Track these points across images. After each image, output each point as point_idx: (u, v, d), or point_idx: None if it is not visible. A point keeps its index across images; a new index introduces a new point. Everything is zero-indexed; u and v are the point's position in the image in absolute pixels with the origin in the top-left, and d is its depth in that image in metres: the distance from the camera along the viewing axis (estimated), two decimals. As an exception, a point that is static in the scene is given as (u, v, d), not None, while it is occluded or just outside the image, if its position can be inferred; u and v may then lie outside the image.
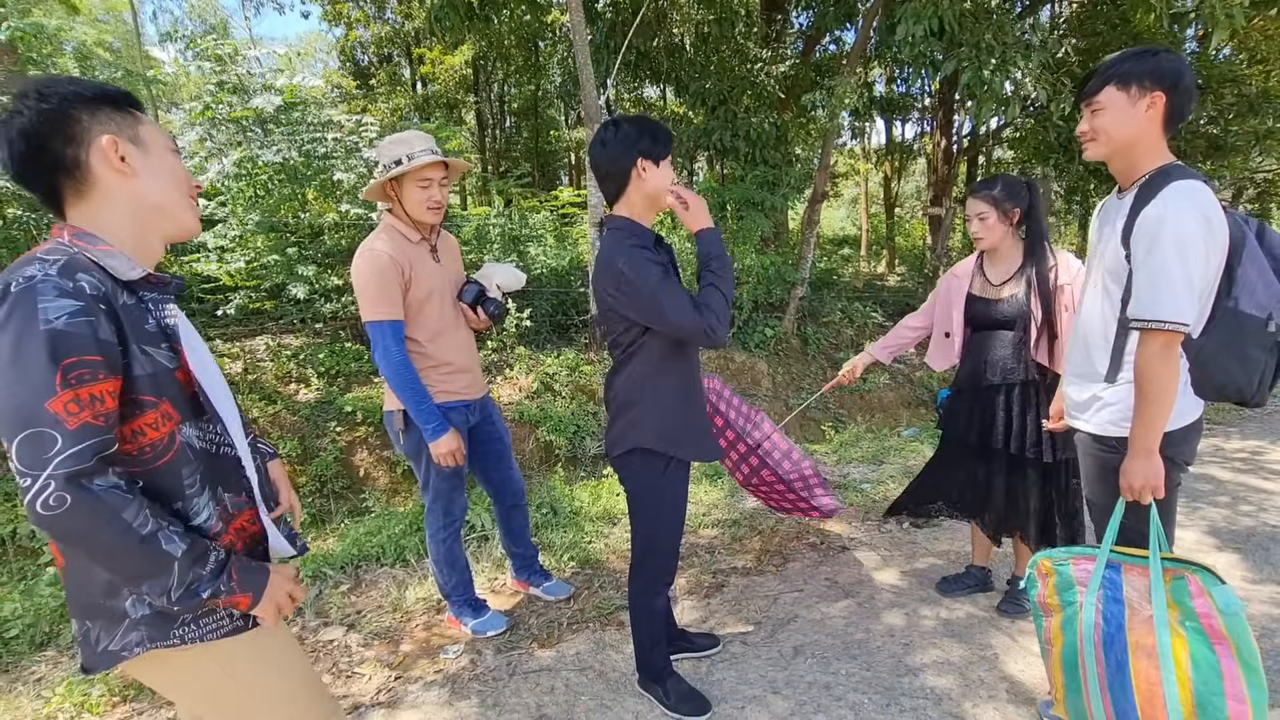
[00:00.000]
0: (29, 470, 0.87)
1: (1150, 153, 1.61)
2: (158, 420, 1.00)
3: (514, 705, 2.09)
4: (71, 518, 0.88)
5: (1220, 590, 1.49)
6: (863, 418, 6.04)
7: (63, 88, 0.98)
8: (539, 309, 5.81)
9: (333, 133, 5.22)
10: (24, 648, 2.41)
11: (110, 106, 1.01)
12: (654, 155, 1.76)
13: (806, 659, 2.30)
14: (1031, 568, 1.78)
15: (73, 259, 0.94)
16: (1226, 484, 3.97)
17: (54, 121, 0.96)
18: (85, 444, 0.89)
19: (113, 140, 0.99)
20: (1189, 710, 1.49)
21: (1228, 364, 1.59)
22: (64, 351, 0.88)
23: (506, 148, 15.00)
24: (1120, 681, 1.58)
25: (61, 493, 0.87)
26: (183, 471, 1.03)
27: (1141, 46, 1.65)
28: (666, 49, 8.14)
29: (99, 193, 1.00)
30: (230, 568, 1.03)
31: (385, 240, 2.09)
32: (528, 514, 2.70)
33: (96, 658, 1.03)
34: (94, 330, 0.91)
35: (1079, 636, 1.66)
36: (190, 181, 1.10)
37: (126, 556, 0.93)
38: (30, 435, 0.86)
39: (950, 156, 10.61)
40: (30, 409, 0.86)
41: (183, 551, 0.96)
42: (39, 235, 3.77)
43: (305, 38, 20.07)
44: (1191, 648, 1.50)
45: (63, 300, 0.88)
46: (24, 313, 0.87)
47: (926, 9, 4.98)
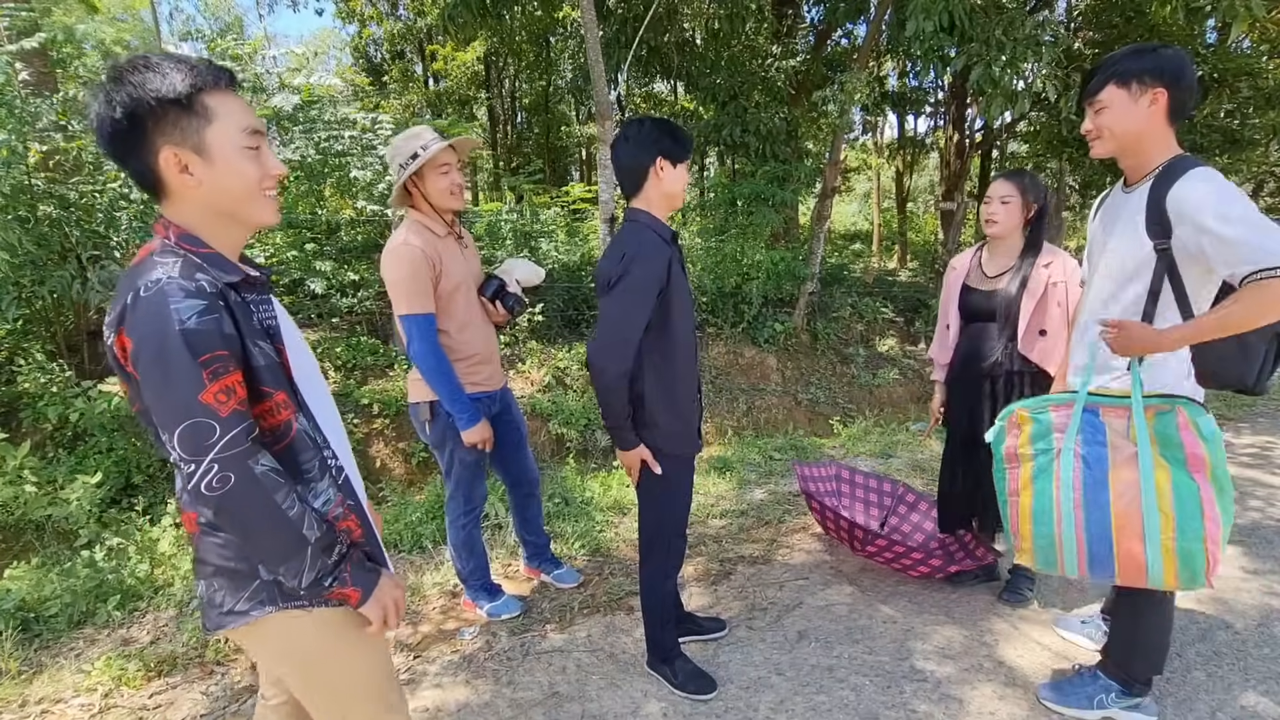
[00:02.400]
0: (191, 457, 0.95)
1: (1159, 146, 1.64)
2: (275, 408, 1.06)
3: (528, 684, 2.18)
4: (232, 496, 0.96)
5: (1205, 419, 1.57)
6: (871, 412, 6.07)
7: (129, 93, 0.96)
8: (551, 304, 5.90)
9: (349, 130, 5.31)
10: (63, 626, 2.53)
11: (177, 109, 0.98)
12: (673, 156, 1.85)
13: (810, 643, 2.37)
14: (1003, 420, 1.81)
15: (186, 259, 0.99)
16: (1234, 479, 3.97)
17: (121, 133, 0.98)
18: (238, 429, 0.97)
19: (173, 154, 0.99)
20: (1169, 534, 1.57)
21: (1229, 352, 1.63)
22: (201, 348, 0.94)
23: (518, 143, 15.08)
24: (1099, 519, 1.64)
25: (225, 473, 0.95)
26: (302, 456, 1.09)
27: (1143, 43, 1.68)
28: (677, 44, 8.17)
29: (175, 196, 1.03)
30: (348, 560, 1.09)
31: (415, 235, 2.17)
32: (541, 503, 2.79)
33: (221, 617, 1.09)
34: (219, 326, 0.97)
35: (1056, 481, 1.70)
36: (265, 175, 1.07)
37: (272, 536, 1.00)
38: (189, 426, 0.94)
39: (963, 151, 10.57)
40: (186, 403, 0.94)
41: (316, 538, 1.03)
42: (68, 234, 3.90)
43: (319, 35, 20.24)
44: (1174, 476, 1.58)
45: (190, 300, 0.94)
46: (160, 315, 0.92)
47: (936, 4, 4.98)
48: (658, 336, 1.86)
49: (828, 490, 3.24)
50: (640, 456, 1.90)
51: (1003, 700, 2.06)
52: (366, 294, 5.28)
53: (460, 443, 2.32)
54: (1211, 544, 1.57)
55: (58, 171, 4.12)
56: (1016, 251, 2.39)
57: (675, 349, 1.89)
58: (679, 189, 1.89)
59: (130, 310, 0.94)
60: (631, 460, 1.91)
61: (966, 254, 2.57)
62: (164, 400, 0.94)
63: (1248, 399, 5.86)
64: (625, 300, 1.77)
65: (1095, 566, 1.69)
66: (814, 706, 2.05)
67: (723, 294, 6.73)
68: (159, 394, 0.94)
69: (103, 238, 4.09)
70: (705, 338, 6.43)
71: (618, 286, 1.77)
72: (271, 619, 1.09)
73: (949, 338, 2.57)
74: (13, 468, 3.18)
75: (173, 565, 2.90)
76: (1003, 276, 2.39)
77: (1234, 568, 2.86)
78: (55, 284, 3.74)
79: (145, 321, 0.93)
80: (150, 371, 0.94)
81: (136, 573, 2.80)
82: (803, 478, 3.10)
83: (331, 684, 1.17)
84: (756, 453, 4.63)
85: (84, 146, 4.03)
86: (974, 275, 2.48)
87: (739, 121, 7.31)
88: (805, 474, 3.17)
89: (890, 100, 10.87)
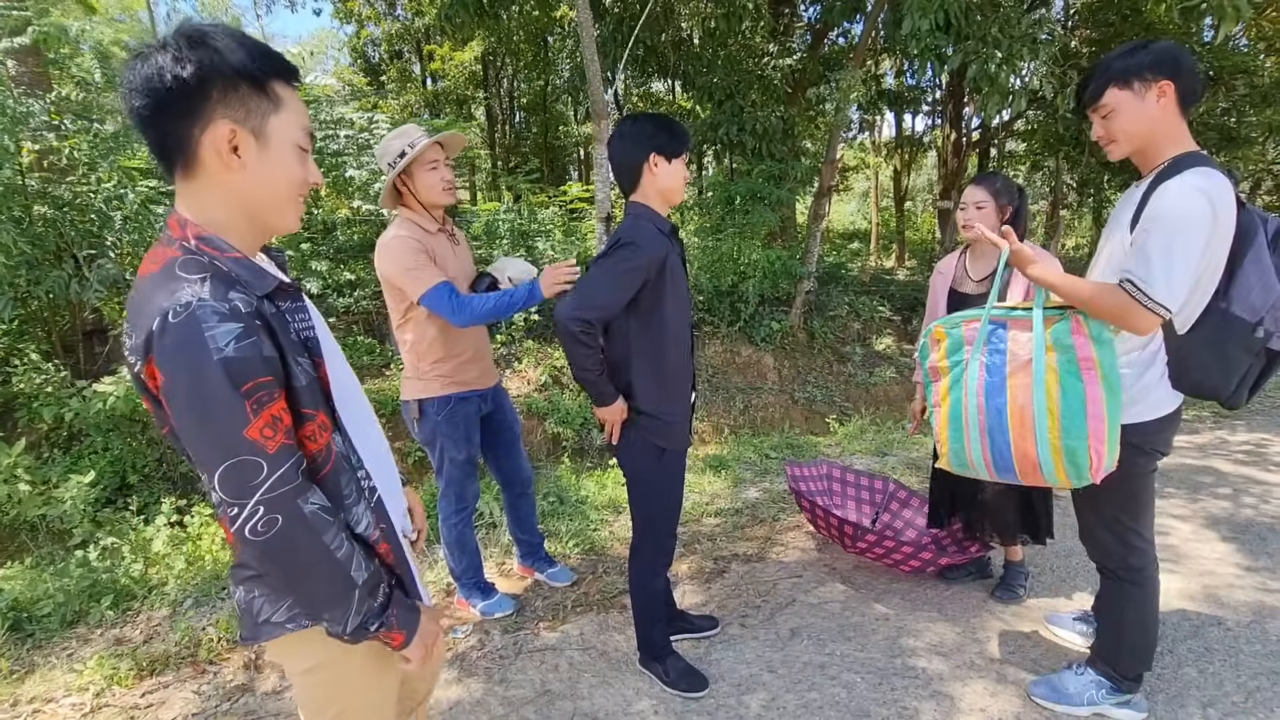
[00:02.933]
0: (235, 500, 0.87)
1: (1170, 140, 1.60)
2: (316, 431, 0.97)
3: (520, 682, 2.19)
4: (279, 540, 0.89)
5: (1095, 324, 1.61)
6: (868, 410, 6.08)
7: (206, 54, 0.87)
8: (547, 303, 5.89)
9: (345, 130, 5.32)
10: (55, 625, 2.53)
11: (250, 86, 0.91)
12: (667, 151, 1.85)
13: (803, 641, 2.37)
14: (925, 336, 1.93)
15: (215, 273, 0.88)
16: (1229, 476, 3.99)
17: (181, 93, 0.87)
18: (286, 465, 0.89)
19: (231, 130, 0.90)
20: (1055, 433, 1.66)
21: (1207, 362, 1.61)
22: (242, 377, 0.85)
23: (516, 143, 15.08)
24: (999, 423, 1.74)
25: (272, 515, 0.88)
26: (341, 480, 1.01)
27: (1132, 42, 1.65)
28: (674, 43, 8.16)
29: (203, 177, 0.93)
30: (393, 602, 1.02)
31: (405, 229, 2.18)
32: (534, 502, 2.79)
33: (257, 628, 1.03)
34: (259, 350, 0.87)
35: (964, 390, 1.81)
36: (306, 181, 1.00)
37: (320, 580, 0.93)
38: (233, 465, 0.85)
39: (960, 149, 10.58)
40: (229, 440, 0.85)
41: (364, 580, 0.96)
42: (62, 233, 3.90)
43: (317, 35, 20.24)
44: (1062, 379, 1.65)
45: (226, 325, 0.84)
46: (193, 344, 0.83)
47: (932, 3, 4.99)
48: (649, 327, 1.86)
49: (819, 489, 3.24)
50: (619, 412, 1.90)
51: (994, 697, 2.06)
52: (363, 294, 5.28)
53: (449, 442, 2.33)
54: (1095, 440, 1.61)
55: (52, 171, 4.12)
56: (998, 253, 2.40)
57: (667, 341, 1.89)
58: (674, 184, 1.89)
59: (158, 338, 0.83)
60: (609, 415, 1.91)
61: (951, 258, 2.60)
62: (204, 438, 0.86)
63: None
64: (602, 273, 1.79)
65: (1000, 467, 1.79)
66: (805, 704, 2.05)
67: (719, 292, 6.73)
68: (198, 432, 0.86)
69: (98, 237, 4.09)
70: (702, 336, 6.43)
71: (603, 261, 1.80)
72: (309, 632, 1.03)
73: None
74: (6, 467, 3.18)
75: (166, 565, 2.90)
76: (987, 279, 2.41)
77: (1228, 565, 2.87)
78: (51, 284, 3.74)
79: (178, 352, 0.83)
80: (187, 407, 0.85)
81: (130, 572, 2.80)
82: (793, 477, 3.10)
83: (345, 705, 1.12)
84: (752, 451, 4.63)
85: (76, 146, 4.03)
86: (961, 279, 2.50)
87: (735, 120, 7.31)
88: (796, 473, 3.18)
89: (887, 99, 10.86)
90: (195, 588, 2.75)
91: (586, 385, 1.88)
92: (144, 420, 3.85)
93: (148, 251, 0.95)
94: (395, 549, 1.09)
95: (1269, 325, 1.53)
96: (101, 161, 4.05)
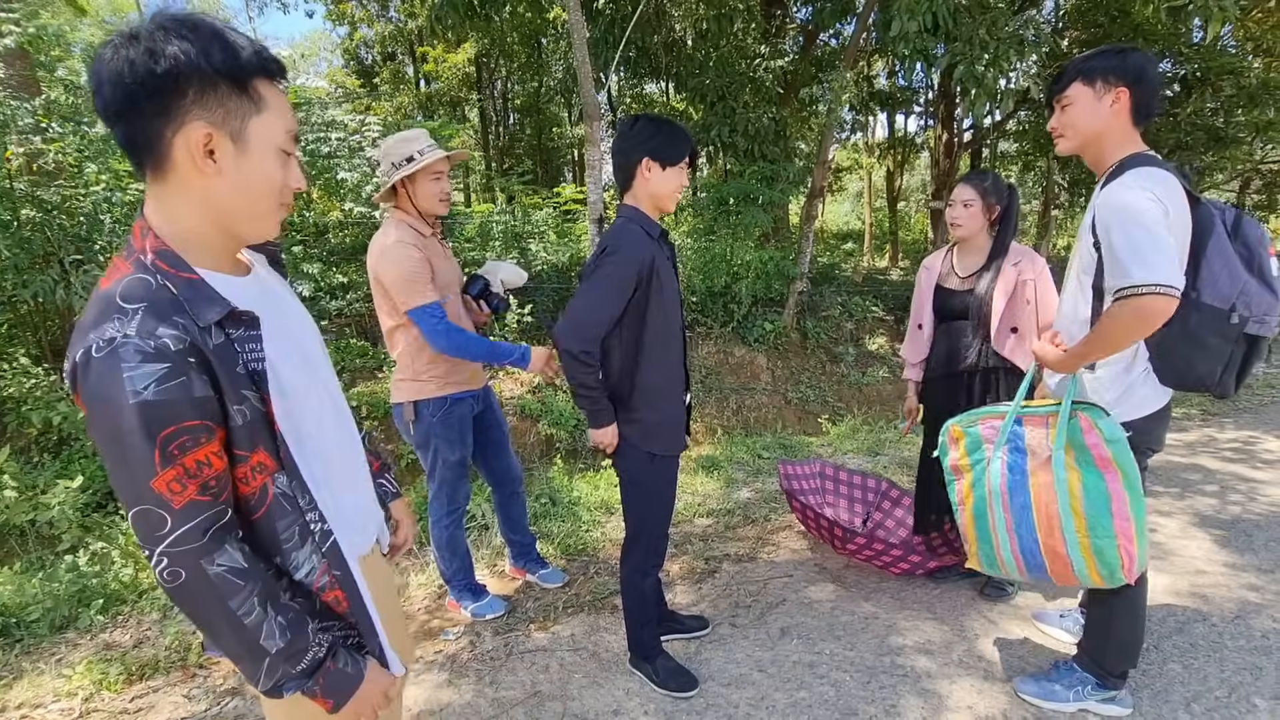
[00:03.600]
0: (145, 545, 0.84)
1: (1118, 145, 1.67)
2: (248, 474, 0.91)
3: (510, 683, 2.19)
4: (183, 592, 0.85)
5: (1106, 421, 1.63)
6: (860, 410, 6.10)
7: (183, 49, 0.81)
8: (540, 304, 5.90)
9: (336, 132, 5.31)
10: (44, 630, 2.52)
11: (229, 85, 0.85)
12: (662, 157, 1.82)
13: (792, 640, 2.38)
14: (944, 435, 1.93)
15: (154, 302, 0.82)
16: (1216, 473, 4.02)
17: (154, 89, 0.81)
18: (193, 523, 0.83)
19: (207, 133, 0.84)
20: (1083, 533, 1.67)
21: (1187, 353, 1.64)
22: (158, 424, 0.79)
23: (510, 145, 15.08)
24: (1024, 520, 1.75)
25: (176, 568, 0.84)
26: (279, 525, 0.94)
27: (1111, 45, 1.71)
28: (666, 45, 8.19)
29: (174, 179, 0.87)
30: (320, 671, 0.94)
31: (406, 234, 2.18)
32: (525, 502, 2.79)
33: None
34: (187, 392, 0.81)
35: (987, 489, 1.82)
36: (288, 186, 0.94)
37: (225, 639, 0.89)
38: (141, 512, 0.82)
39: (952, 149, 10.63)
40: (137, 488, 0.82)
41: (278, 649, 0.90)
42: (50, 237, 3.89)
43: (310, 37, 20.21)
44: (1084, 478, 1.67)
45: (147, 366, 0.79)
46: (110, 384, 0.78)
47: (921, 4, 5.02)
48: (640, 331, 1.87)
49: (811, 488, 3.25)
50: (612, 435, 1.92)
51: (981, 694, 2.07)
52: (355, 296, 5.28)
53: (444, 443, 2.33)
54: (1125, 540, 1.63)
55: (39, 174, 4.10)
56: (986, 251, 2.43)
57: (659, 345, 1.90)
58: (665, 191, 1.86)
59: (81, 370, 0.80)
60: (603, 439, 1.93)
61: (938, 255, 2.62)
62: (117, 480, 0.83)
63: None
64: (595, 290, 1.80)
65: (1031, 566, 1.80)
66: (795, 702, 2.06)
67: (712, 293, 6.75)
68: (112, 471, 0.83)
69: (86, 241, 4.07)
70: (695, 337, 6.44)
71: (592, 276, 1.81)
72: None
73: (922, 337, 2.62)
74: (-5, 472, 3.17)
75: (156, 569, 2.90)
76: (975, 276, 2.43)
77: (1214, 562, 2.89)
78: (38, 288, 3.73)
79: (96, 389, 0.79)
80: (102, 446, 0.82)
81: (120, 577, 2.80)
82: (785, 476, 3.11)
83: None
84: (745, 452, 4.64)
85: (62, 149, 4.01)
86: (947, 276, 2.52)
87: (728, 122, 7.33)
88: (788, 472, 3.19)
89: (879, 100, 10.93)
90: (185, 592, 2.74)
91: (585, 404, 1.89)
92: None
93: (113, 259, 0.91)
94: (351, 596, 1.01)
95: (1242, 310, 1.57)
96: (90, 164, 4.04)
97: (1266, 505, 3.50)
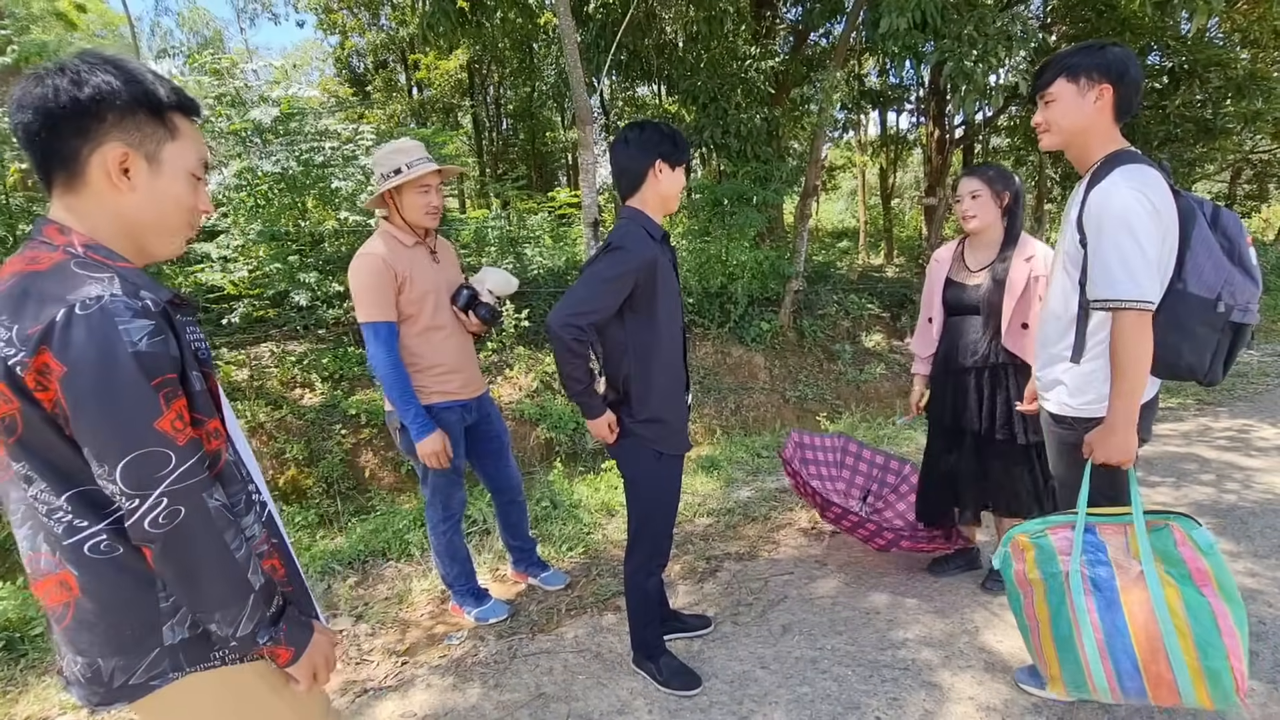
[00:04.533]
0: (136, 491, 0.87)
1: (1101, 141, 1.69)
2: (208, 436, 0.98)
3: (514, 685, 2.20)
4: (179, 532, 0.89)
5: (1199, 532, 1.58)
6: (858, 407, 6.13)
7: (104, 80, 0.90)
8: (537, 309, 5.92)
9: (330, 141, 5.33)
10: (48, 645, 2.53)
11: (147, 114, 0.95)
12: (671, 159, 1.91)
13: (794, 636, 2.40)
14: (1005, 545, 1.81)
15: (118, 273, 0.90)
16: (1212, 462, 4.05)
17: (74, 112, 0.90)
18: (195, 458, 0.91)
19: (124, 152, 0.93)
20: (1191, 655, 1.55)
21: (1177, 343, 1.66)
22: (155, 371, 0.87)
23: (504, 150, 15.11)
24: (1119, 641, 1.62)
25: (175, 507, 0.88)
26: (230, 489, 1.01)
27: (1093, 40, 1.74)
28: (657, 48, 8.23)
29: (87, 194, 0.94)
30: (285, 617, 1.01)
31: (381, 244, 2.20)
32: (525, 508, 2.80)
33: (113, 694, 0.95)
34: (168, 348, 0.90)
35: (1070, 604, 1.68)
36: (196, 209, 1.03)
37: (216, 579, 0.92)
38: (140, 456, 0.86)
39: (944, 146, 10.67)
40: (139, 431, 0.86)
41: (260, 585, 0.96)
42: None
43: (301, 46, 20.21)
44: (1184, 595, 1.57)
45: (138, 321, 0.87)
46: (104, 337, 0.84)
47: (908, 2, 5.06)
48: (641, 332, 1.90)
49: (812, 458, 3.27)
50: (607, 424, 1.94)
51: (982, 686, 2.09)
52: (351, 304, 5.28)
53: None
54: (1235, 660, 1.54)
55: (35, 189, 4.11)
56: (998, 244, 2.40)
57: (660, 345, 1.93)
58: (673, 191, 1.95)
59: (61, 330, 0.83)
60: (598, 429, 1.95)
61: (949, 247, 2.58)
62: (109, 430, 0.86)
63: (1225, 384, 5.95)
64: (593, 282, 1.82)
65: (1128, 690, 1.67)
66: (797, 698, 2.07)
67: (709, 294, 6.78)
68: (102, 423, 0.86)
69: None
70: (692, 338, 6.47)
71: (592, 267, 1.85)
72: (176, 686, 0.97)
73: (932, 330, 2.58)
74: (-4, 488, 3.17)
75: (159, 580, 2.90)
76: (985, 270, 2.40)
77: (1210, 549, 2.91)
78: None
79: (88, 343, 0.83)
80: (91, 399, 0.84)
81: (123, 589, 2.80)
82: (795, 443, 3.11)
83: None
84: (744, 451, 4.66)
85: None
86: (957, 269, 2.49)
87: (720, 123, 7.37)
88: (797, 440, 3.18)
89: (870, 98, 10.96)
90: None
91: (575, 397, 1.90)
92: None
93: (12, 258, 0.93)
94: (287, 563, 1.09)
95: (1227, 300, 1.60)
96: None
97: (1261, 493, 3.52)
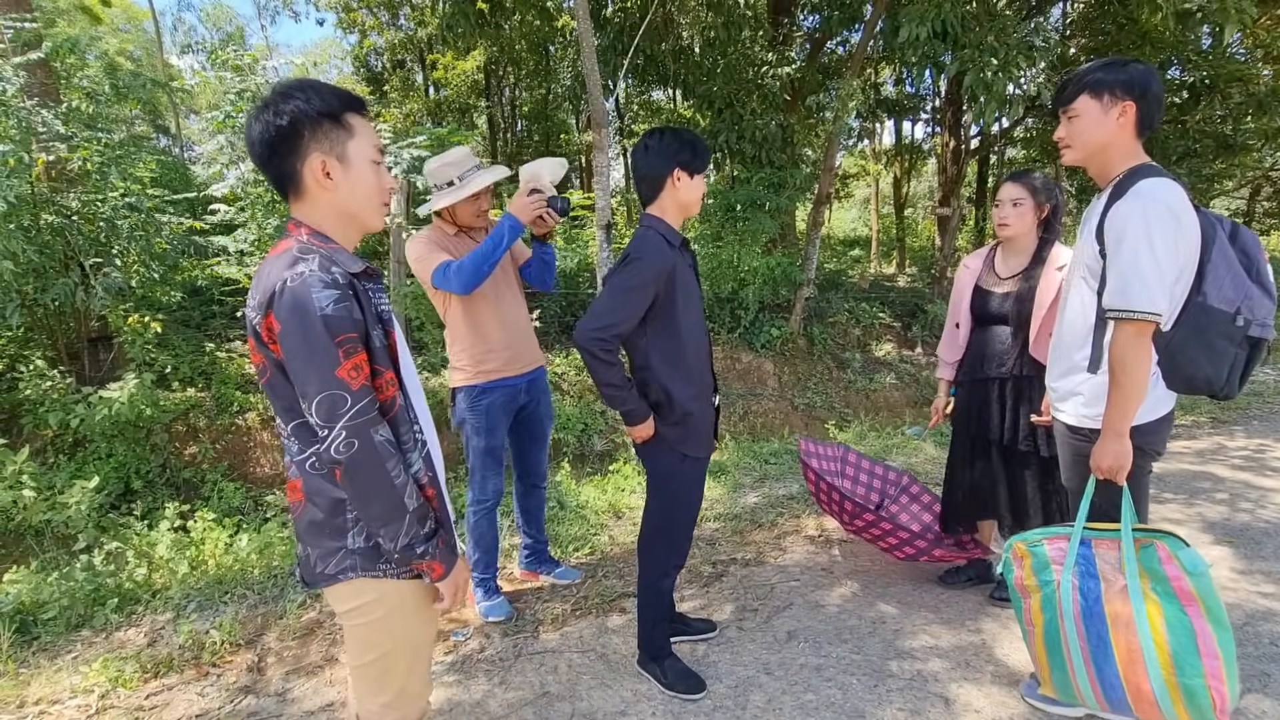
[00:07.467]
0: (326, 423, 1.11)
1: (1123, 156, 1.70)
2: (384, 385, 1.20)
3: (519, 684, 2.21)
4: (355, 460, 1.12)
5: (1186, 553, 1.58)
6: (867, 416, 6.10)
7: (295, 105, 1.15)
8: (548, 310, 5.94)
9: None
10: (60, 628, 2.56)
11: (330, 122, 1.17)
12: (691, 167, 1.93)
13: (799, 643, 2.39)
14: (1007, 551, 1.86)
15: (322, 255, 1.14)
16: (1226, 481, 4.01)
17: (283, 138, 1.15)
18: (366, 399, 1.13)
19: (322, 160, 1.17)
20: (1168, 670, 1.59)
21: (1195, 356, 1.66)
22: (337, 330, 1.11)
23: (518, 151, 15.17)
24: (1103, 652, 1.68)
25: (351, 439, 1.11)
26: (400, 429, 1.22)
27: (1114, 58, 1.74)
28: (674, 52, 8.24)
29: (309, 197, 1.21)
30: (439, 536, 1.23)
31: (428, 232, 2.38)
32: (544, 499, 2.83)
33: (315, 577, 1.24)
34: (350, 313, 1.13)
35: (1059, 613, 1.74)
36: (385, 188, 1.27)
37: (379, 499, 1.15)
38: (326, 397, 1.10)
39: (959, 156, 10.62)
40: (325, 376, 1.10)
41: (414, 508, 1.18)
42: (70, 241, 3.95)
43: (321, 44, 20.41)
44: (1165, 611, 1.60)
45: (328, 291, 1.11)
46: (304, 302, 1.09)
47: (929, 11, 5.05)
48: (665, 337, 1.92)
49: (830, 470, 3.25)
50: (650, 429, 1.95)
51: (988, 698, 2.08)
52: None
53: (472, 430, 2.42)
54: (1213, 680, 1.55)
55: (60, 180, 4.18)
56: (1030, 253, 2.37)
57: (685, 350, 1.95)
58: (694, 198, 1.97)
59: (278, 297, 1.10)
60: (641, 434, 1.96)
61: (980, 253, 2.53)
62: (308, 373, 1.11)
63: (1240, 402, 5.88)
64: (617, 294, 1.85)
65: (1112, 701, 1.70)
66: (801, 705, 2.07)
67: (720, 299, 6.78)
68: (304, 367, 1.11)
69: (104, 246, 4.14)
70: (702, 343, 6.46)
71: (612, 280, 1.87)
72: (353, 583, 1.24)
73: (959, 337, 2.54)
74: (12, 473, 3.21)
75: (170, 569, 2.93)
76: (1016, 278, 2.36)
77: (1222, 568, 2.88)
78: (58, 292, 3.79)
79: (292, 307, 1.09)
80: (297, 348, 1.10)
81: (134, 576, 2.83)
82: (806, 452, 3.10)
83: (385, 649, 1.29)
84: (752, 457, 4.65)
85: (88, 155, 4.09)
86: (987, 276, 2.45)
87: (735, 128, 7.37)
88: (809, 449, 3.18)
89: (886, 106, 10.94)
90: (198, 591, 2.78)
91: (615, 403, 1.92)
92: (148, 426, 3.89)
93: (272, 247, 1.24)
94: (439, 497, 1.29)
95: (1246, 314, 1.60)
96: (110, 169, 4.11)
97: (1275, 513, 3.48)
